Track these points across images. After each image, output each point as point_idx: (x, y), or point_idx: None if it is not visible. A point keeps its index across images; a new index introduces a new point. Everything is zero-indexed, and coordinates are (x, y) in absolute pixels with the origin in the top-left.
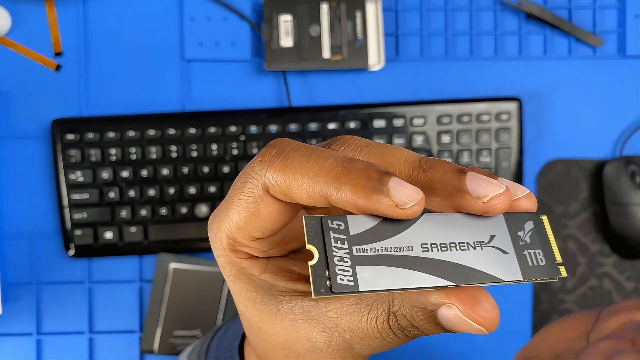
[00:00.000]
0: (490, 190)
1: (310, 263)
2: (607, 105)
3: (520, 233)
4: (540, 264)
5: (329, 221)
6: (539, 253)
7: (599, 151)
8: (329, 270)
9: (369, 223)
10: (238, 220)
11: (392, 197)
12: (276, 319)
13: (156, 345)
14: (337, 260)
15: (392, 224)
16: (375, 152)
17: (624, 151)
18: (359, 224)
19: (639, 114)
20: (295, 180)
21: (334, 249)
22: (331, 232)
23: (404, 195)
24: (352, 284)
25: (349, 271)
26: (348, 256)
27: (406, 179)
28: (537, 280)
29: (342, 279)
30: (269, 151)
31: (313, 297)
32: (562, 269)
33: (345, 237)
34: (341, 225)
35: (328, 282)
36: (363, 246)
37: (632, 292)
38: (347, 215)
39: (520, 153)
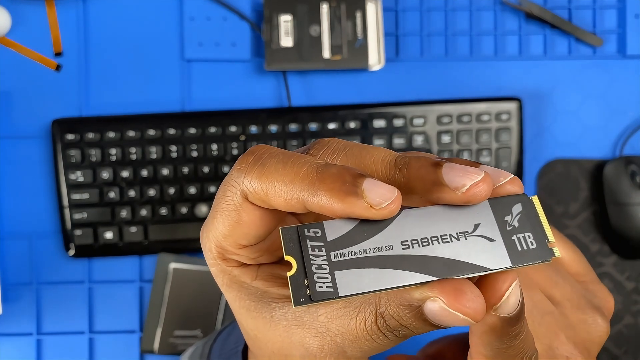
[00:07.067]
0: (467, 179)
1: (289, 274)
2: (607, 105)
3: (507, 218)
4: (531, 247)
5: (306, 230)
6: (529, 236)
7: (599, 151)
8: (307, 279)
9: (346, 227)
10: (223, 229)
11: (366, 198)
12: (270, 326)
13: (156, 345)
14: (315, 268)
15: (370, 225)
16: (352, 155)
17: (624, 151)
18: (336, 229)
19: (639, 114)
20: (272, 187)
21: (311, 257)
22: (308, 240)
23: (378, 195)
24: (332, 290)
25: (327, 278)
26: (326, 263)
27: (384, 180)
28: (527, 264)
29: (321, 286)
30: (246, 159)
31: (293, 307)
32: (556, 249)
33: (322, 244)
34: (318, 233)
35: (307, 291)
36: (341, 251)
37: (632, 292)
38: (324, 222)
39: (520, 153)
